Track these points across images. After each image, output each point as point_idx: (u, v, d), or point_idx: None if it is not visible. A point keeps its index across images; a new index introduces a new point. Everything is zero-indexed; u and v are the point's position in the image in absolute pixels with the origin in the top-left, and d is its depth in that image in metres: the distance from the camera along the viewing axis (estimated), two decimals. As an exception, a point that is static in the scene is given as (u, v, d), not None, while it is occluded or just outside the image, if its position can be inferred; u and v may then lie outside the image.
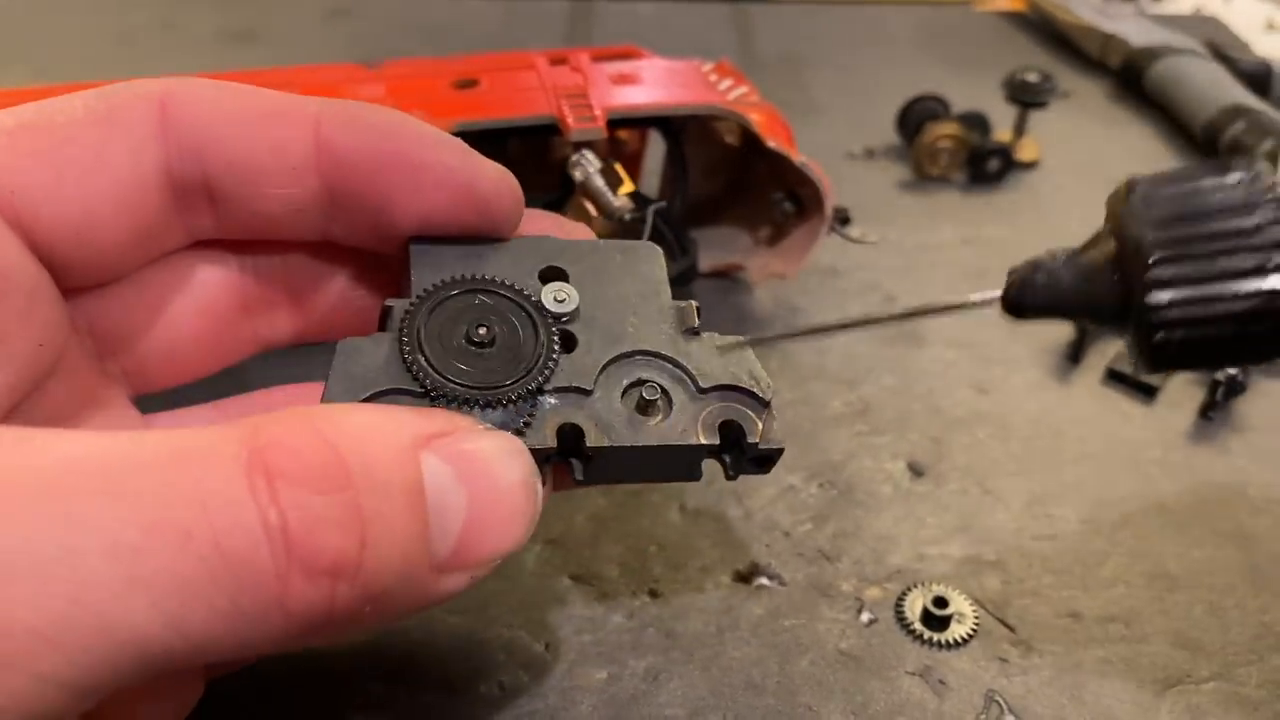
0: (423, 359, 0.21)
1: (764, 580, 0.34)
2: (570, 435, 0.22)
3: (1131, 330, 0.21)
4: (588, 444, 0.22)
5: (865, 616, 0.33)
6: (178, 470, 0.16)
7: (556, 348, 0.22)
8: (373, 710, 0.29)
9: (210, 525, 0.15)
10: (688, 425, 0.23)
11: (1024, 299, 0.22)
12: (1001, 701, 0.30)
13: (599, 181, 0.31)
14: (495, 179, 0.23)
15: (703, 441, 0.22)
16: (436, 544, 0.18)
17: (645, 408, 0.23)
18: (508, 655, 0.31)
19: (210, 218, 0.23)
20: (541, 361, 0.22)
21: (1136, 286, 0.20)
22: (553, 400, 0.22)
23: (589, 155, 0.31)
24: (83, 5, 0.77)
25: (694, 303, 0.25)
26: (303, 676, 0.30)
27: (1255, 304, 0.19)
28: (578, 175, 0.31)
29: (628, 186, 0.31)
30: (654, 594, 0.33)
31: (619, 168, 0.31)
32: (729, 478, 0.24)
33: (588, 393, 0.22)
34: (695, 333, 0.24)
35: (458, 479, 0.19)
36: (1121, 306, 0.21)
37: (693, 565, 0.34)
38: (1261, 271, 0.19)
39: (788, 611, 0.33)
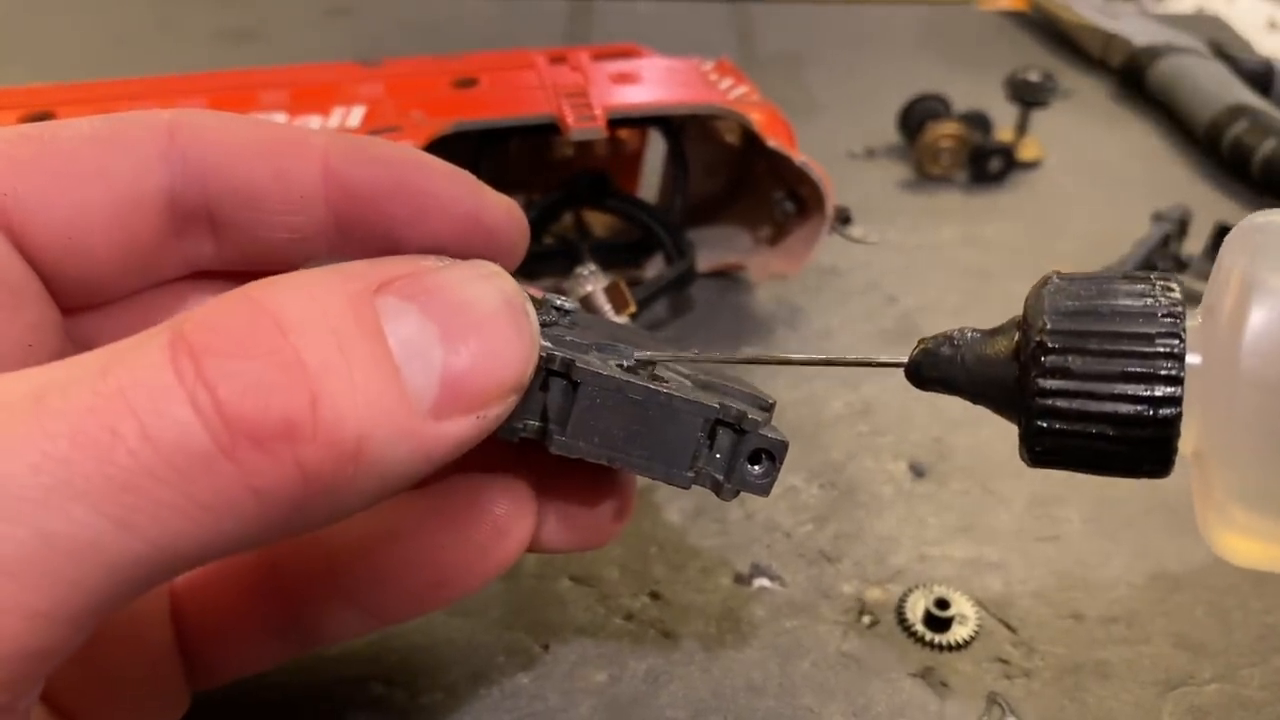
0: None
1: (765, 581, 0.34)
2: (559, 365, 0.20)
3: (1021, 420, 0.21)
4: (576, 366, 0.20)
5: (866, 618, 0.32)
6: (105, 376, 0.15)
7: (555, 310, 0.22)
8: (372, 711, 0.29)
9: (135, 417, 0.15)
10: (685, 392, 0.21)
11: (925, 370, 0.22)
12: (1003, 703, 0.30)
13: (602, 301, 0.30)
14: (502, 211, 0.23)
15: (703, 401, 0.21)
16: (417, 386, 0.17)
17: (639, 372, 0.22)
18: (508, 657, 0.31)
19: (211, 245, 0.23)
20: (539, 311, 0.22)
21: (1028, 374, 0.20)
22: (545, 343, 0.21)
23: (595, 270, 0.30)
24: (82, 5, 0.77)
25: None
26: (302, 678, 0.30)
27: (1137, 410, 0.19)
28: (580, 290, 0.31)
29: (631, 309, 0.31)
30: (654, 595, 0.33)
31: (623, 287, 0.30)
32: (723, 496, 0.22)
33: (581, 348, 0.22)
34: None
35: (423, 313, 0.17)
36: (1015, 395, 0.21)
37: (693, 566, 0.34)
38: (1148, 379, 0.19)
39: (789, 613, 0.32)
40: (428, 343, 0.17)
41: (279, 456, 0.15)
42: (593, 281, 0.30)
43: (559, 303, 0.23)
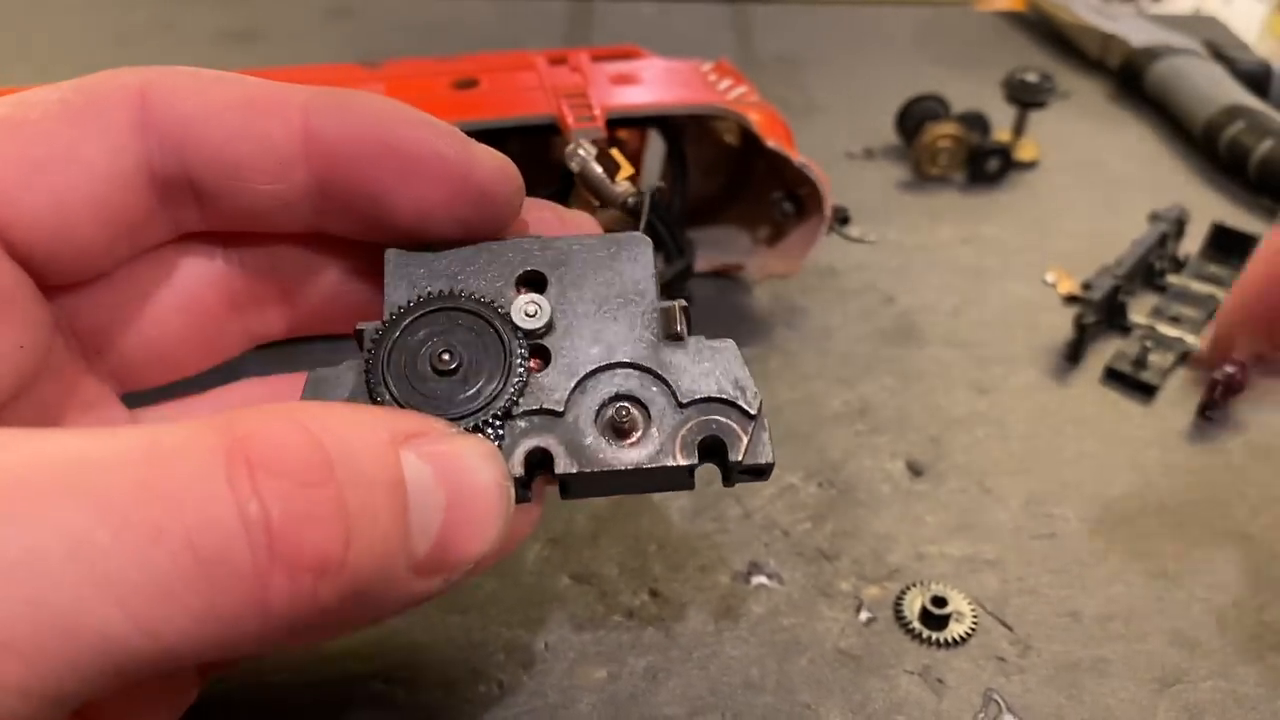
0: (387, 392, 0.21)
1: (763, 579, 0.34)
2: (540, 462, 0.21)
3: None
4: (556, 471, 0.21)
5: (864, 615, 0.33)
6: (151, 466, 0.15)
7: (525, 369, 0.22)
8: (372, 709, 0.29)
9: (183, 521, 0.15)
10: (665, 443, 0.21)
11: None
12: (1000, 700, 0.30)
13: (596, 169, 0.30)
14: (493, 168, 0.22)
15: (680, 463, 0.21)
16: (416, 543, 0.18)
17: (619, 428, 0.22)
18: (507, 654, 0.31)
19: (195, 212, 0.22)
20: (509, 384, 0.21)
21: None
22: (522, 424, 0.21)
23: (585, 144, 0.30)
24: (82, 5, 0.77)
25: (680, 303, 0.23)
26: (302, 676, 0.30)
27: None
28: (574, 166, 0.31)
29: (626, 170, 0.30)
30: (653, 593, 0.33)
31: (615, 153, 0.30)
32: (726, 484, 0.23)
33: (559, 414, 0.21)
34: (679, 338, 0.23)
35: (436, 478, 0.18)
36: None
37: (692, 564, 0.34)
38: None
39: (787, 610, 0.33)
40: (435, 505, 0.18)
41: (302, 586, 0.16)
42: (586, 154, 0.30)
43: (533, 318, 0.22)
